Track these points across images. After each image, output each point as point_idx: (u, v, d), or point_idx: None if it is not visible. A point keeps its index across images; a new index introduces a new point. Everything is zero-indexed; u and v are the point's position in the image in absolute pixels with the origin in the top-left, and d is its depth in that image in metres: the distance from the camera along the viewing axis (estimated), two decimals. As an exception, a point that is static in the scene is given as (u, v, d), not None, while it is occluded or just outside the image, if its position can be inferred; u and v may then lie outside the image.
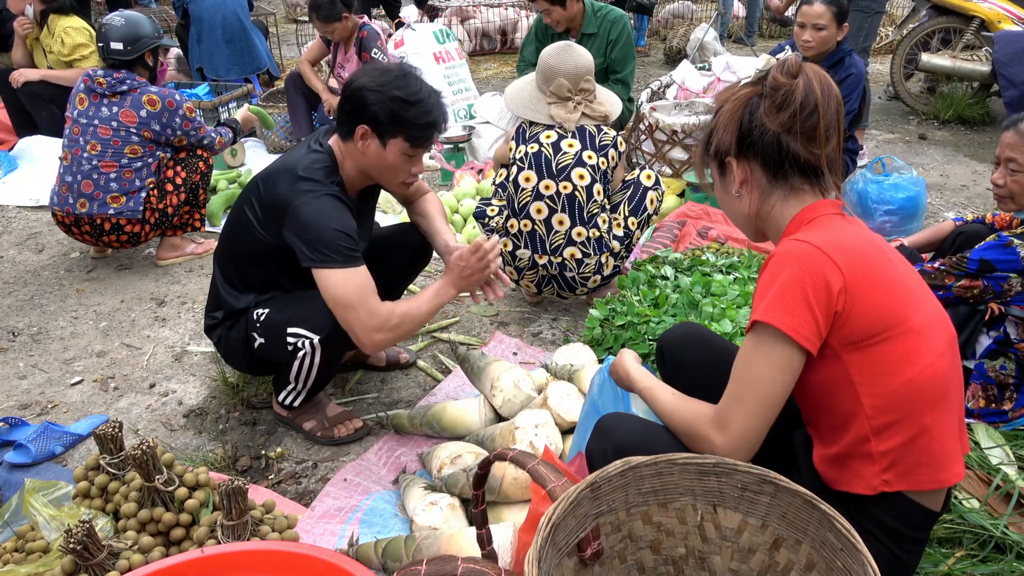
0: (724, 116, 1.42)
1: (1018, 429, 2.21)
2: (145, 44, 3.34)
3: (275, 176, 2.12)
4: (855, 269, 1.27)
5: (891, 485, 1.30)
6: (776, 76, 1.35)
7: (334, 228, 2.01)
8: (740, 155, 1.41)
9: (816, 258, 1.27)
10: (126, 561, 1.55)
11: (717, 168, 1.48)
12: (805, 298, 1.25)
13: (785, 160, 1.37)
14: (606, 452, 1.46)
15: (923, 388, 1.29)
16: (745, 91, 1.41)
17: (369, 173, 2.16)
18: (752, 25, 7.95)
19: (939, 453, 1.31)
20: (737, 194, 1.45)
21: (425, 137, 2.08)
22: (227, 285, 2.28)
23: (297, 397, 2.29)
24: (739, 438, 1.30)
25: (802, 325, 1.25)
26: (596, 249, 2.82)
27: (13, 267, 3.63)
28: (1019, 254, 2.09)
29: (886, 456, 1.29)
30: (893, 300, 1.29)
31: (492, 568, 1.17)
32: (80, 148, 3.28)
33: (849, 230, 1.35)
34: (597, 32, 4.09)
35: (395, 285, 2.57)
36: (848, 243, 1.30)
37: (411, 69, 2.12)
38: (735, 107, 1.40)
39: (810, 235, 1.31)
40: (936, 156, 4.99)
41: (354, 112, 2.05)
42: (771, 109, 1.35)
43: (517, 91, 2.89)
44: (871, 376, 1.28)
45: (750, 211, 1.45)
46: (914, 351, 1.28)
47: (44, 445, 2.29)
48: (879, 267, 1.31)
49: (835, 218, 1.37)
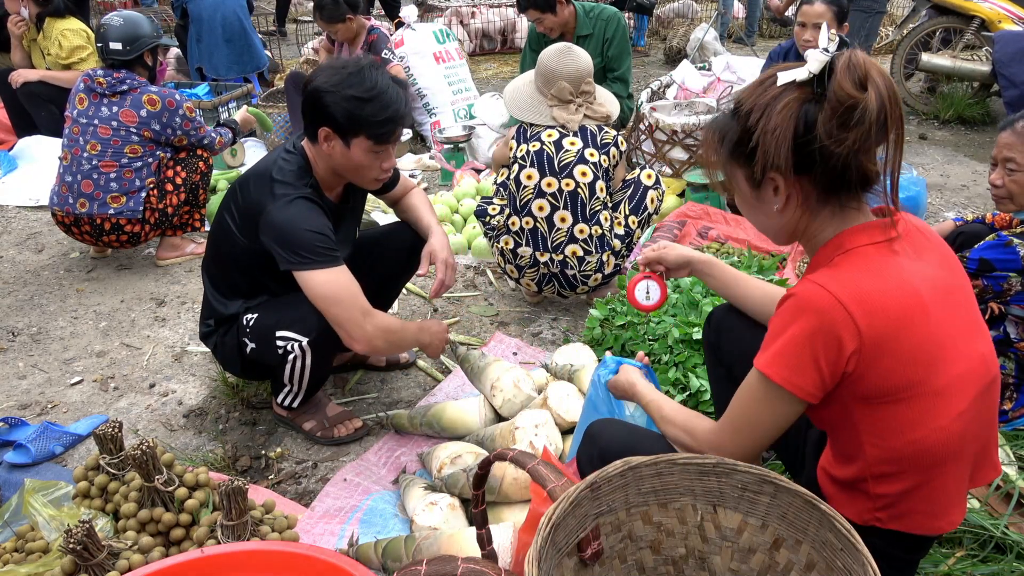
0: (771, 132, 1.19)
1: (1018, 429, 2.21)
2: (144, 44, 3.34)
3: (250, 181, 2.12)
4: (877, 330, 1.15)
5: (882, 523, 1.28)
6: (844, 87, 1.13)
7: (308, 229, 1.99)
8: (792, 173, 1.21)
9: (834, 313, 1.15)
10: (126, 561, 1.55)
11: (748, 178, 1.28)
12: (814, 355, 1.16)
13: (845, 181, 1.21)
14: (592, 458, 1.48)
15: (931, 449, 1.22)
16: (792, 96, 1.19)
17: (340, 173, 2.14)
18: (752, 25, 7.94)
19: (938, 503, 1.27)
20: (778, 211, 1.27)
21: (387, 132, 2.04)
22: (215, 292, 2.27)
23: (295, 398, 2.29)
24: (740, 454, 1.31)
25: (806, 382, 1.19)
26: (598, 247, 2.82)
27: (13, 267, 3.63)
28: (1019, 253, 2.10)
29: (882, 499, 1.26)
30: (915, 364, 1.18)
31: (492, 568, 1.17)
32: (80, 148, 3.28)
33: (891, 273, 1.19)
34: (592, 33, 4.10)
35: (390, 284, 2.57)
36: (879, 293, 1.16)
37: (367, 63, 2.05)
38: (785, 118, 1.18)
39: (837, 279, 1.17)
40: (936, 156, 4.99)
41: (314, 114, 2.02)
42: (836, 127, 1.14)
43: (517, 94, 2.89)
44: (876, 430, 1.22)
45: (790, 227, 1.30)
46: (927, 413, 1.20)
47: (44, 445, 2.29)
48: (909, 325, 1.17)
49: (874, 255, 1.21)
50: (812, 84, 1.18)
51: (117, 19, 3.33)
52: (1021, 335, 2.22)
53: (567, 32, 4.10)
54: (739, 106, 1.26)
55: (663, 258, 1.84)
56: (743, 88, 1.29)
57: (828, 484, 1.35)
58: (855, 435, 1.24)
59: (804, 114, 1.17)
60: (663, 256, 1.84)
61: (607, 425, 1.55)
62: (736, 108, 1.26)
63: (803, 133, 1.17)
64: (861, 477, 1.27)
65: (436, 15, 7.63)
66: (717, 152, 1.31)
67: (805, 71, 1.18)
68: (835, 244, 1.25)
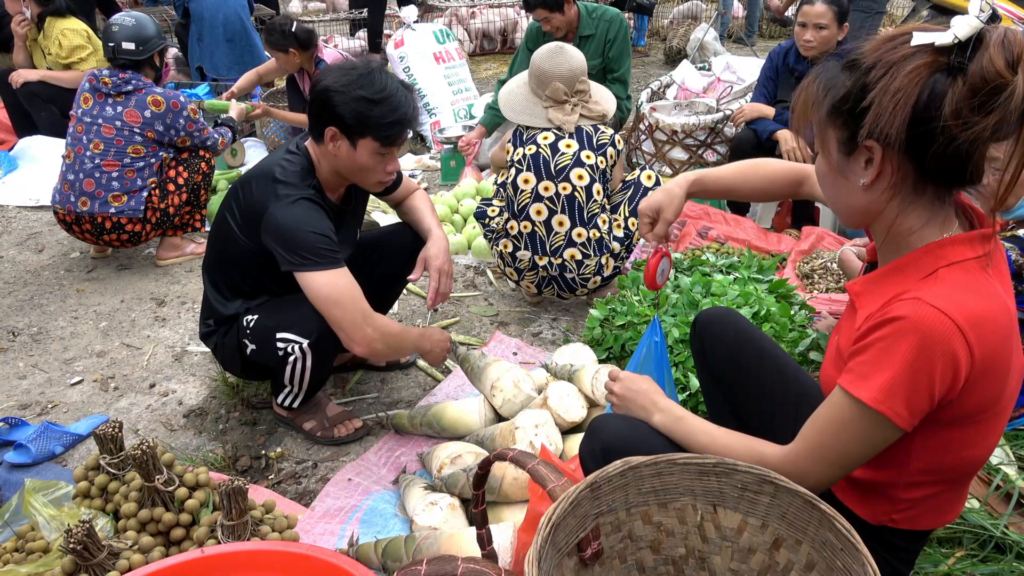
0: (891, 94, 1.02)
1: (1018, 429, 2.21)
2: (155, 45, 3.37)
3: (253, 181, 2.12)
4: (985, 357, 1.06)
5: (896, 523, 1.28)
6: (995, 63, 0.97)
7: (310, 231, 2.00)
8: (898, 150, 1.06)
9: (954, 340, 1.03)
10: (126, 561, 1.55)
11: (841, 141, 1.13)
12: (930, 387, 1.06)
13: (956, 172, 1.07)
14: (595, 452, 1.47)
15: (973, 465, 1.23)
16: (925, 60, 1.02)
17: (343, 174, 2.14)
18: (752, 25, 7.94)
19: (954, 501, 1.30)
20: (864, 187, 1.12)
21: (394, 135, 2.05)
22: (216, 292, 2.27)
23: (295, 399, 2.29)
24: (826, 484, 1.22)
25: (915, 413, 1.08)
26: (596, 250, 2.82)
27: (13, 267, 3.63)
28: (1010, 257, 2.09)
29: (905, 503, 1.25)
30: (1000, 385, 1.12)
31: (492, 568, 1.17)
32: (83, 147, 3.28)
33: (993, 292, 1.09)
34: (594, 33, 4.11)
35: (391, 285, 2.57)
36: (991, 319, 1.07)
37: (376, 65, 2.07)
38: (910, 84, 1.02)
39: (950, 299, 1.05)
40: (936, 156, 4.99)
41: (321, 114, 2.03)
42: (970, 108, 0.99)
43: (511, 96, 2.88)
44: (934, 449, 1.18)
45: (872, 209, 1.15)
46: (986, 434, 1.18)
47: (44, 445, 2.29)
48: (1005, 350, 1.10)
49: (980, 269, 1.10)
50: (951, 53, 1.01)
51: (129, 19, 3.34)
52: (1020, 336, 2.21)
53: (571, 32, 4.11)
54: (859, 59, 1.08)
55: (668, 221, 1.72)
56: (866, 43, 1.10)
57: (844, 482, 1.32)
58: (904, 451, 1.18)
59: (933, 84, 1.01)
60: (667, 219, 1.72)
61: (609, 420, 1.55)
62: (854, 60, 1.09)
63: (926, 106, 1.01)
64: (891, 483, 1.23)
65: (436, 15, 7.63)
66: (818, 105, 1.14)
67: (950, 35, 1.00)
68: (935, 252, 1.10)
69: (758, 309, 2.45)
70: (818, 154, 1.21)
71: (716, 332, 1.76)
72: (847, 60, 1.10)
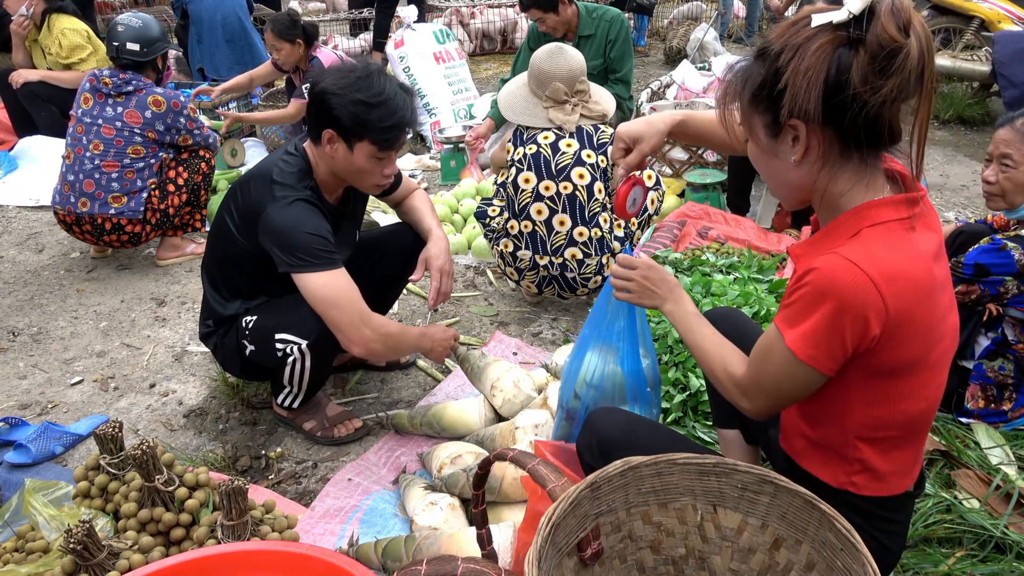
0: (802, 73, 1.12)
1: (1018, 429, 2.21)
2: (159, 48, 3.38)
3: (251, 182, 2.13)
4: (902, 310, 1.15)
5: (857, 488, 1.31)
6: (887, 29, 1.08)
7: (307, 232, 2.00)
8: (818, 123, 1.15)
9: (867, 293, 1.12)
10: (126, 561, 1.55)
11: (767, 125, 1.22)
12: (841, 334, 1.16)
13: (873, 135, 1.15)
14: (591, 445, 1.49)
15: (917, 418, 1.28)
16: (826, 38, 1.11)
17: (341, 176, 2.14)
18: (752, 25, 7.94)
19: (908, 462, 1.33)
20: (795, 163, 1.21)
21: (392, 139, 2.04)
22: (215, 293, 2.27)
23: (295, 399, 2.29)
24: (761, 411, 1.33)
25: (830, 359, 1.19)
26: (597, 249, 2.82)
27: (13, 267, 3.63)
28: (1013, 257, 2.09)
29: (859, 463, 1.29)
30: (923, 341, 1.20)
31: (492, 568, 1.17)
32: (83, 147, 3.28)
33: (914, 252, 1.17)
34: (595, 33, 4.11)
35: (390, 286, 2.57)
36: (906, 276, 1.15)
37: (375, 68, 2.06)
38: (818, 61, 1.11)
39: (868, 256, 1.14)
40: (936, 156, 4.99)
41: (319, 116, 2.03)
42: (874, 73, 1.09)
43: (511, 97, 2.88)
44: (871, 400, 1.24)
45: (806, 183, 1.24)
46: (921, 386, 1.25)
47: (44, 445, 2.29)
48: (926, 305, 1.18)
49: (903, 230, 1.18)
50: (849, 28, 1.10)
51: (135, 20, 3.34)
52: (1019, 337, 2.22)
53: (570, 32, 4.11)
54: (767, 47, 1.18)
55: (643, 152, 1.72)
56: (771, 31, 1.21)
57: (806, 447, 1.36)
58: (847, 403, 1.25)
59: (838, 58, 1.11)
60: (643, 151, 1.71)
61: (606, 413, 1.56)
62: (763, 49, 1.19)
63: (835, 78, 1.11)
64: (842, 441, 1.29)
65: (436, 15, 7.63)
66: (738, 96, 1.24)
67: (844, 12, 1.10)
68: (861, 214, 1.19)
69: (758, 309, 2.45)
70: (748, 141, 1.29)
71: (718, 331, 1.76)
72: (758, 50, 1.21)
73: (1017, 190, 2.12)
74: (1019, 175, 2.10)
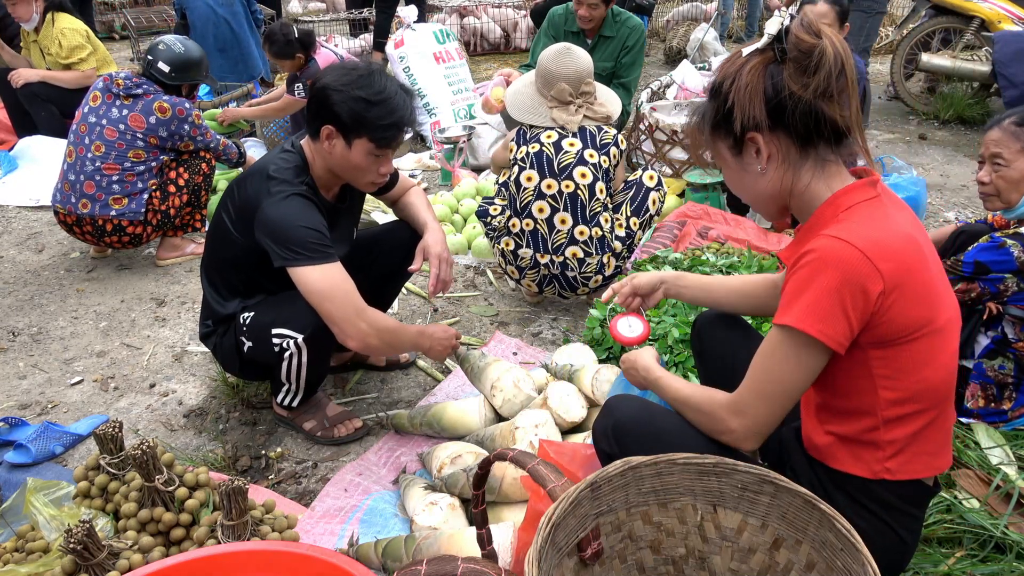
0: (743, 89, 1.30)
1: (1018, 429, 2.21)
2: (189, 79, 3.40)
3: (247, 179, 2.14)
4: (895, 275, 1.23)
5: (892, 474, 1.34)
6: (802, 37, 1.25)
7: (302, 226, 2.00)
8: (769, 128, 1.31)
9: (858, 263, 1.22)
10: (126, 561, 1.55)
11: (731, 147, 1.38)
12: (842, 304, 1.22)
13: (818, 129, 1.29)
14: (607, 430, 1.51)
15: (937, 385, 1.32)
16: (756, 60, 1.30)
17: (337, 172, 2.15)
18: (752, 25, 7.95)
19: (939, 442, 1.37)
20: (762, 171, 1.35)
21: (389, 137, 2.05)
22: (214, 292, 2.28)
23: (294, 397, 2.29)
24: (756, 426, 1.34)
25: (836, 331, 1.24)
26: (598, 249, 2.82)
27: (13, 267, 3.63)
28: (1012, 254, 2.09)
29: (892, 445, 1.33)
30: (925, 303, 1.28)
31: (492, 568, 1.17)
32: (84, 148, 3.28)
33: (891, 223, 1.28)
34: (615, 36, 4.14)
35: (389, 283, 2.57)
36: (890, 242, 1.25)
37: (377, 67, 2.08)
38: (753, 78, 1.29)
39: (852, 232, 1.24)
40: (936, 156, 4.99)
41: (319, 112, 2.03)
42: (800, 74, 1.26)
43: (518, 96, 2.89)
44: (892, 372, 1.29)
45: (777, 188, 1.36)
46: (933, 350, 1.30)
47: (44, 445, 2.29)
48: (917, 269, 1.27)
49: (876, 206, 1.30)
50: (773, 47, 1.29)
51: (179, 45, 3.36)
52: (1019, 335, 2.22)
53: (592, 29, 4.15)
54: (713, 83, 1.37)
55: (637, 287, 1.89)
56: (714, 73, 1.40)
57: (831, 445, 1.38)
58: (870, 382, 1.30)
59: (771, 73, 1.29)
60: (636, 285, 1.89)
61: (623, 400, 1.58)
62: (712, 87, 1.38)
63: (772, 89, 1.28)
64: (872, 426, 1.32)
65: (439, 18, 7.62)
66: (701, 131, 1.42)
67: (765, 37, 1.30)
68: (836, 202, 1.31)
69: (758, 309, 2.44)
70: (722, 169, 1.45)
71: (716, 332, 1.78)
72: (708, 90, 1.40)
73: (1011, 188, 2.14)
74: (1011, 173, 2.12)
